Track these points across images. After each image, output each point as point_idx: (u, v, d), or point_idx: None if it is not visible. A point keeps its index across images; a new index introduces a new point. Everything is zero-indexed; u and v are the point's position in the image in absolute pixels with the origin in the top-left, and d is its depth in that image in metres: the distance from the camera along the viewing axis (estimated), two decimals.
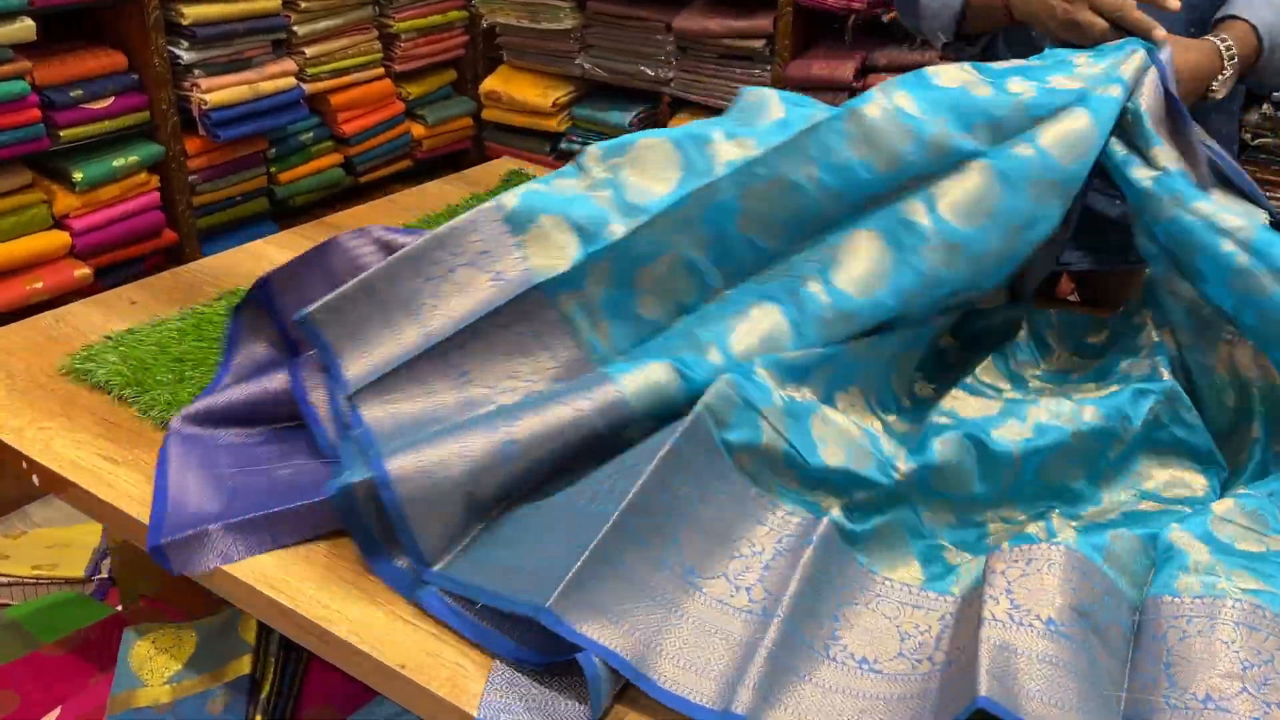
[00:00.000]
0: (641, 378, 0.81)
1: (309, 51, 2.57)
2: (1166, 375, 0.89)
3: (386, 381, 0.87)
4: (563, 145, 2.96)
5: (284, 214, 2.79)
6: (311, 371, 0.94)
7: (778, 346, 0.86)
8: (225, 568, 0.84)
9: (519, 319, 0.88)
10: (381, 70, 2.83)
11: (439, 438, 0.79)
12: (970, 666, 0.62)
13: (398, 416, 0.85)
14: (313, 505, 0.84)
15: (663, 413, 0.81)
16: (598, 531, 0.70)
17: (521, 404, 0.84)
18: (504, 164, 1.86)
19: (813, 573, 0.72)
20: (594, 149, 0.98)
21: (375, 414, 0.86)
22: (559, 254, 0.88)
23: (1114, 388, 0.89)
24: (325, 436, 0.89)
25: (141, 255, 2.40)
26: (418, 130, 3.02)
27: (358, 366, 0.89)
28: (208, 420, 0.98)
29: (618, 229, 0.88)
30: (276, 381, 0.97)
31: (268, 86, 2.45)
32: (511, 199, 0.92)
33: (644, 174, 0.91)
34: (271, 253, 1.45)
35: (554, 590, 0.67)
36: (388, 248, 1.02)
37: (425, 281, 0.90)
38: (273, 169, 2.64)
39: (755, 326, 0.87)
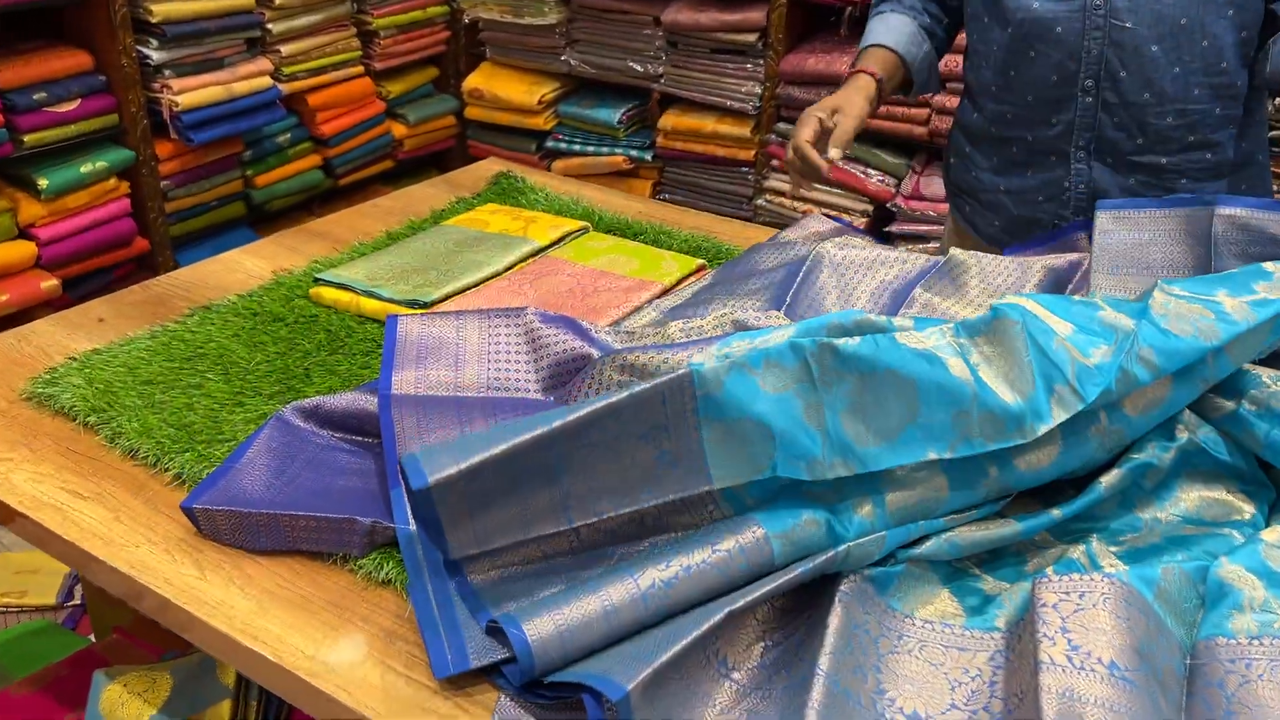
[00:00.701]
0: (791, 528, 0.74)
1: (285, 50, 2.51)
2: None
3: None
4: (549, 144, 2.91)
5: (261, 218, 2.73)
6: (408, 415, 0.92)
7: (935, 505, 0.79)
8: (202, 616, 0.79)
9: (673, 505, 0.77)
10: (360, 68, 2.77)
11: (576, 595, 0.70)
12: (1034, 718, 0.58)
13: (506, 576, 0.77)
14: (345, 521, 0.83)
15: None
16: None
17: (663, 551, 0.75)
18: (491, 166, 1.81)
19: (846, 623, 0.68)
20: (828, 347, 0.78)
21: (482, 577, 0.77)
22: (746, 466, 0.76)
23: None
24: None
25: (112, 265, 2.34)
26: (399, 130, 2.97)
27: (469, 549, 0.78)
28: (314, 416, 0.96)
29: (823, 471, 0.75)
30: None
31: (242, 87, 2.39)
32: (715, 378, 0.76)
33: (869, 416, 0.76)
34: (247, 263, 1.40)
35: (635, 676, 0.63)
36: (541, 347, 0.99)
37: (577, 448, 0.75)
38: (249, 172, 2.58)
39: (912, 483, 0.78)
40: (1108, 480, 0.80)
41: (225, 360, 1.11)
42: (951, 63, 1.94)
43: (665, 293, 1.25)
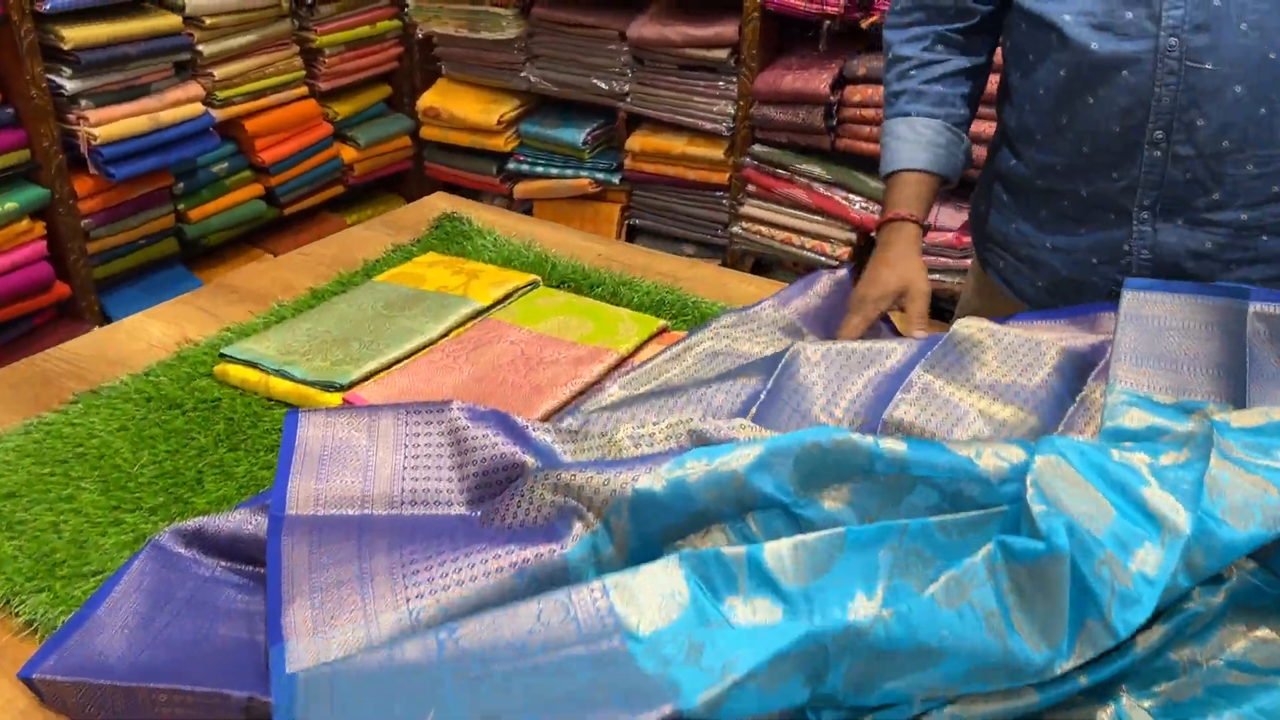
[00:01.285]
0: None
1: (218, 73, 2.36)
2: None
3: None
4: (510, 166, 2.77)
5: (199, 255, 2.58)
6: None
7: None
8: None
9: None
10: (304, 89, 2.63)
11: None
12: None
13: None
14: (215, 696, 0.69)
15: None
16: None
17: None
18: (436, 203, 1.67)
19: None
20: (849, 642, 0.66)
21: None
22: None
23: None
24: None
25: (31, 312, 2.18)
26: (349, 153, 2.82)
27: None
28: (197, 541, 0.82)
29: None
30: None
31: (170, 115, 2.24)
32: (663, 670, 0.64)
33: (878, 677, 0.67)
34: (152, 329, 1.25)
35: None
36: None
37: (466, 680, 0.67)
38: (181, 206, 2.43)
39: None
40: (1145, 640, 0.67)
41: (106, 463, 0.97)
42: None
43: (621, 363, 1.12)
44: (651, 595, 0.67)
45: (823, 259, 2.21)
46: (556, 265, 1.41)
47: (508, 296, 1.26)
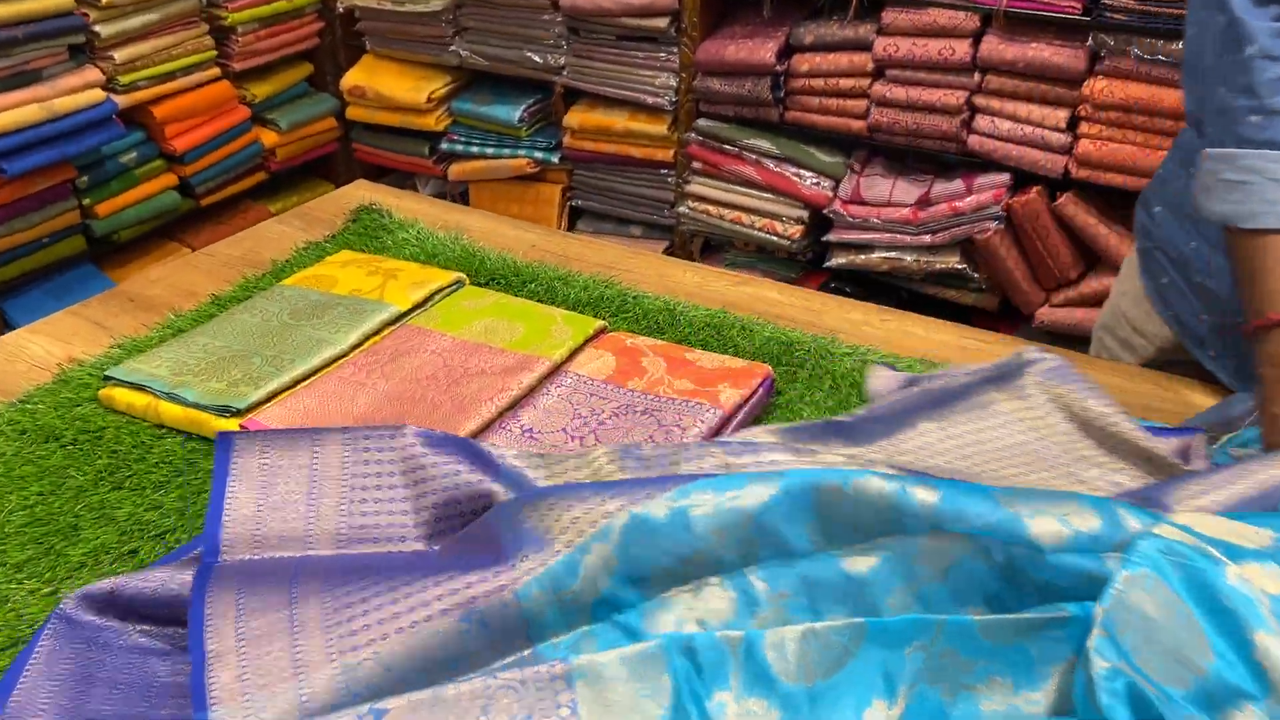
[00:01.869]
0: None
1: (118, 56, 2.23)
2: None
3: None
4: (443, 146, 2.67)
5: (110, 252, 2.45)
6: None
7: None
8: None
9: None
10: (216, 71, 2.49)
11: None
12: None
13: None
14: None
15: None
16: None
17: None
18: (355, 193, 1.57)
19: None
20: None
21: None
22: None
23: None
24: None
25: None
26: (269, 138, 2.69)
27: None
28: (112, 607, 0.72)
29: None
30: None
31: (66, 103, 2.10)
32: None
33: None
34: (33, 347, 1.15)
35: None
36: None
37: None
38: (86, 201, 2.29)
39: None
40: None
41: None
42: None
43: (554, 371, 1.03)
44: (627, 697, 0.57)
45: (774, 239, 2.14)
46: (485, 260, 1.32)
47: (429, 299, 1.17)
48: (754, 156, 2.13)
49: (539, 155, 2.54)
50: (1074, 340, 1.99)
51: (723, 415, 0.94)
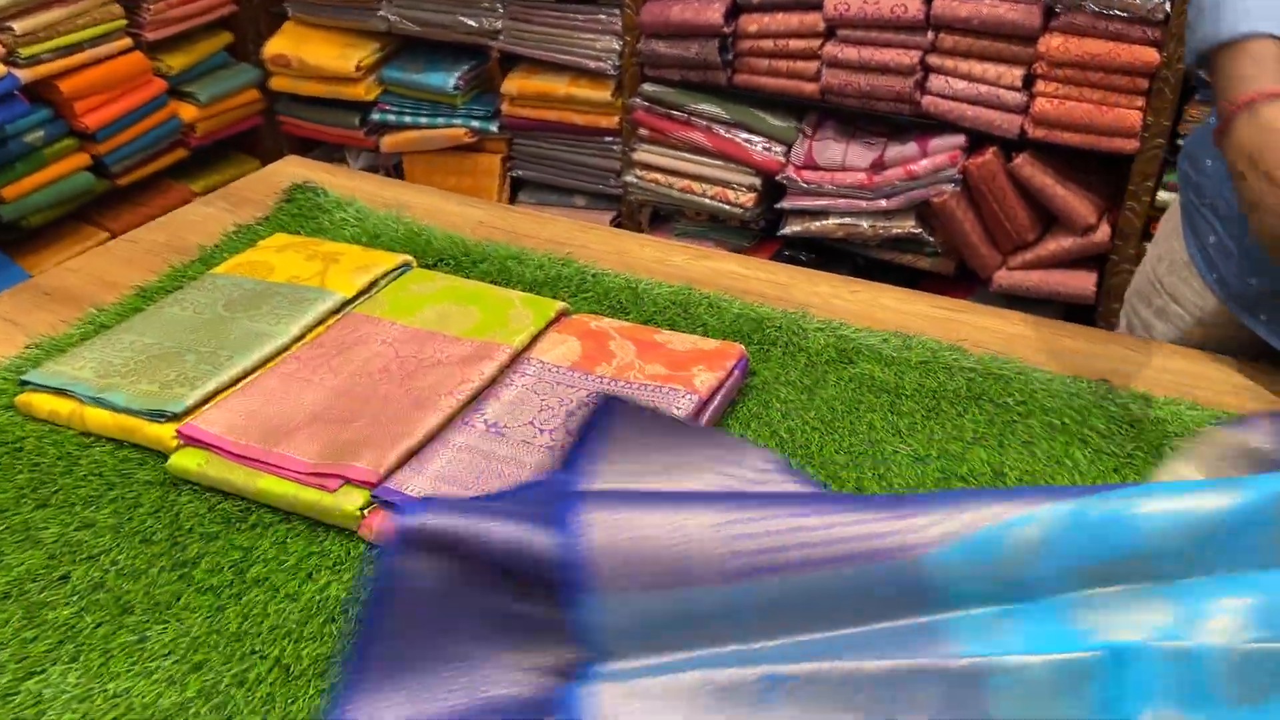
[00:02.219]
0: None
1: (18, 27, 2.09)
2: None
3: None
4: (375, 117, 2.57)
5: (20, 239, 2.32)
6: None
7: None
8: None
9: None
10: (127, 41, 2.36)
11: None
12: None
13: None
14: None
15: None
16: None
17: None
18: (286, 170, 1.48)
19: None
20: None
21: None
22: None
23: None
24: None
25: None
26: (188, 112, 2.56)
27: None
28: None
29: None
30: None
31: None
32: None
33: None
34: None
35: None
36: None
37: None
38: None
39: None
40: None
41: None
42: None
43: (516, 358, 0.98)
44: (1047, 706, 0.52)
45: (726, 207, 2.10)
46: (431, 240, 1.26)
47: (374, 284, 1.10)
48: (703, 122, 2.08)
49: (476, 124, 2.46)
50: (1030, 303, 1.98)
51: (699, 400, 0.90)
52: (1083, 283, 1.92)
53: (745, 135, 2.04)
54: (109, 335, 1.01)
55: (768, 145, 2.04)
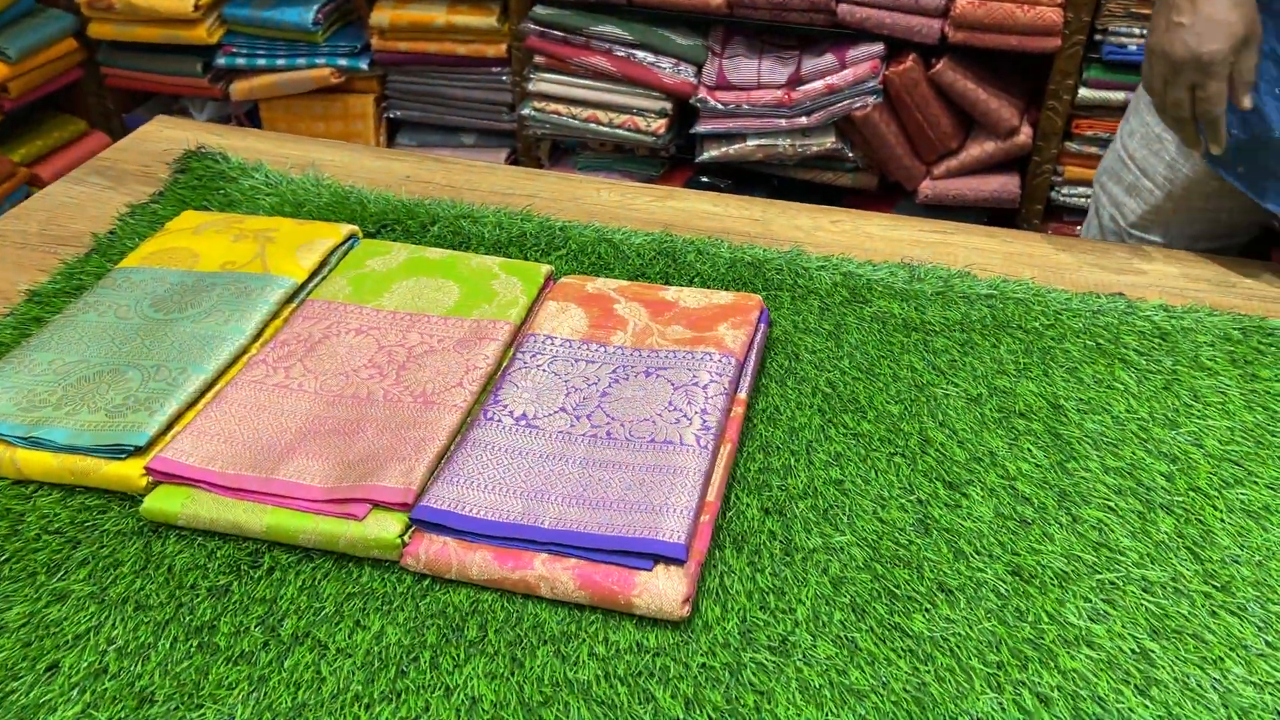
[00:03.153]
0: None
1: None
2: None
3: None
4: (220, 61, 2.33)
5: None
6: None
7: None
8: None
9: None
10: None
11: None
12: None
13: None
14: None
15: None
16: None
17: None
18: (159, 133, 1.31)
19: None
20: None
21: None
22: None
23: None
24: None
25: None
26: None
27: None
28: None
29: None
30: None
31: None
32: None
33: None
34: None
35: None
36: None
37: None
38: None
39: None
40: None
41: None
42: None
43: (517, 334, 0.89)
44: None
45: (637, 135, 2.00)
46: (365, 204, 1.13)
47: (325, 263, 0.98)
48: (604, 45, 1.96)
49: (343, 63, 2.26)
50: (957, 212, 1.98)
51: (736, 363, 0.83)
52: (1007, 186, 1.92)
53: (651, 57, 1.94)
54: (16, 356, 0.85)
55: (676, 66, 1.94)
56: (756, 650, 0.64)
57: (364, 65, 2.27)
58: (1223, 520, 0.73)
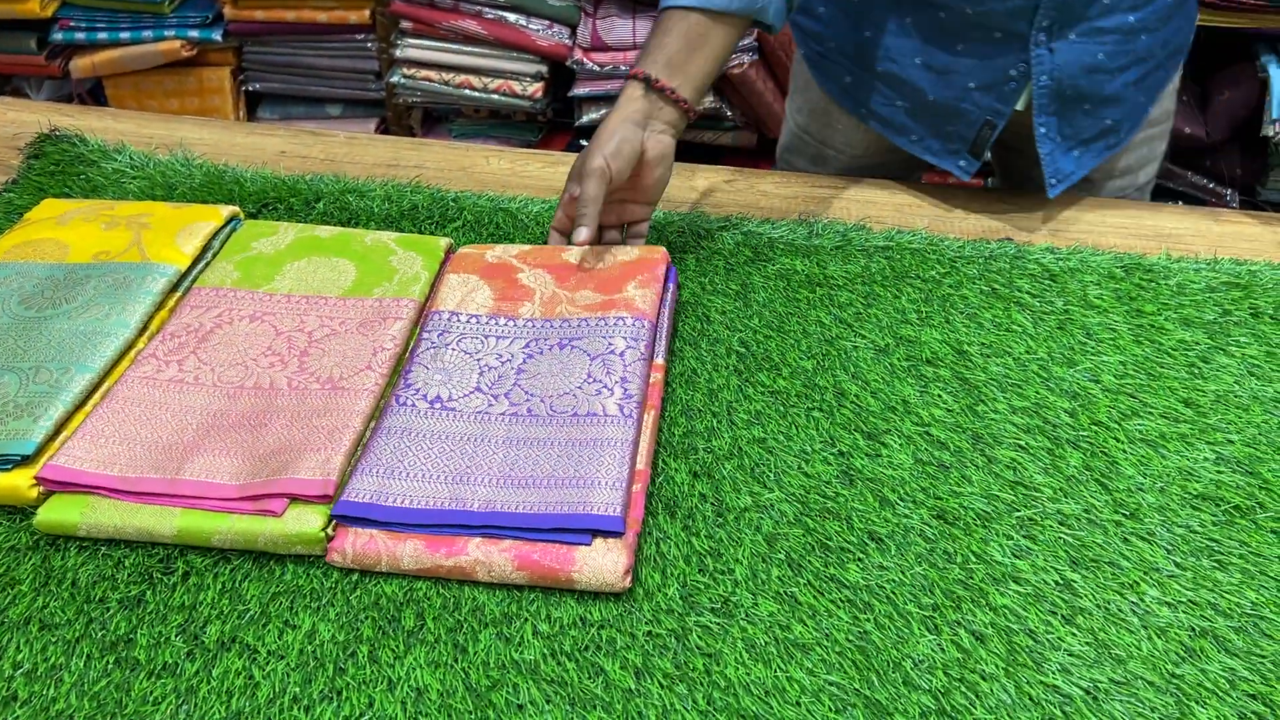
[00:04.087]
0: None
1: None
2: None
3: None
4: (58, 36, 2.18)
5: None
6: None
7: None
8: None
9: None
10: None
11: None
12: None
13: None
14: None
15: None
16: None
17: None
18: (4, 115, 1.22)
19: None
20: None
21: None
22: None
23: None
24: None
25: None
26: None
27: None
28: None
29: None
30: None
31: None
32: None
33: None
34: None
35: None
36: None
37: None
38: None
39: None
40: None
41: None
42: None
43: (422, 311, 0.86)
44: None
45: (513, 100, 1.97)
46: (242, 183, 1.08)
47: (207, 247, 0.93)
48: (473, 7, 1.91)
49: (194, 34, 2.14)
50: None
51: (650, 325, 0.82)
52: None
53: (523, 19, 1.90)
54: None
55: (549, 28, 1.91)
56: (700, 614, 0.64)
57: (217, 36, 2.16)
58: (1125, 451, 0.77)
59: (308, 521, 0.66)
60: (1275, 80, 1.71)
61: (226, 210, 0.96)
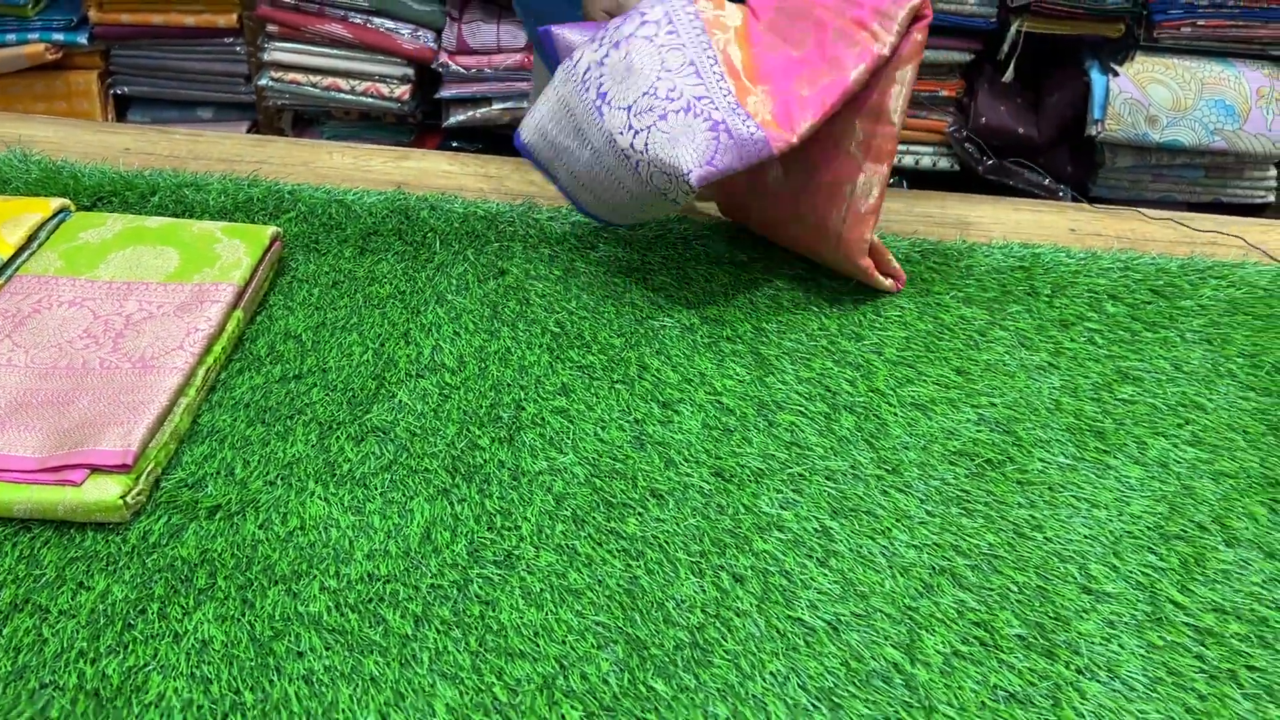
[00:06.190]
0: None
1: None
2: None
3: None
4: None
5: None
6: None
7: None
8: None
9: None
10: None
11: None
12: None
13: None
14: None
15: None
16: None
17: None
18: None
19: None
20: None
21: None
22: None
23: None
24: None
25: None
26: None
27: None
28: None
29: None
30: None
31: None
32: None
33: None
34: None
35: None
36: None
37: None
38: None
39: None
40: None
41: None
42: None
43: (242, 295, 0.89)
44: None
45: (381, 103, 1.99)
46: (79, 178, 1.09)
47: (33, 237, 0.94)
48: (338, 12, 1.93)
49: (59, 38, 2.12)
50: None
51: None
52: None
53: (389, 23, 1.93)
54: None
55: (415, 32, 1.94)
56: (483, 567, 0.68)
57: (83, 40, 2.13)
58: (896, 414, 0.84)
59: (107, 490, 0.68)
60: (1097, 84, 1.83)
61: (56, 203, 0.98)
